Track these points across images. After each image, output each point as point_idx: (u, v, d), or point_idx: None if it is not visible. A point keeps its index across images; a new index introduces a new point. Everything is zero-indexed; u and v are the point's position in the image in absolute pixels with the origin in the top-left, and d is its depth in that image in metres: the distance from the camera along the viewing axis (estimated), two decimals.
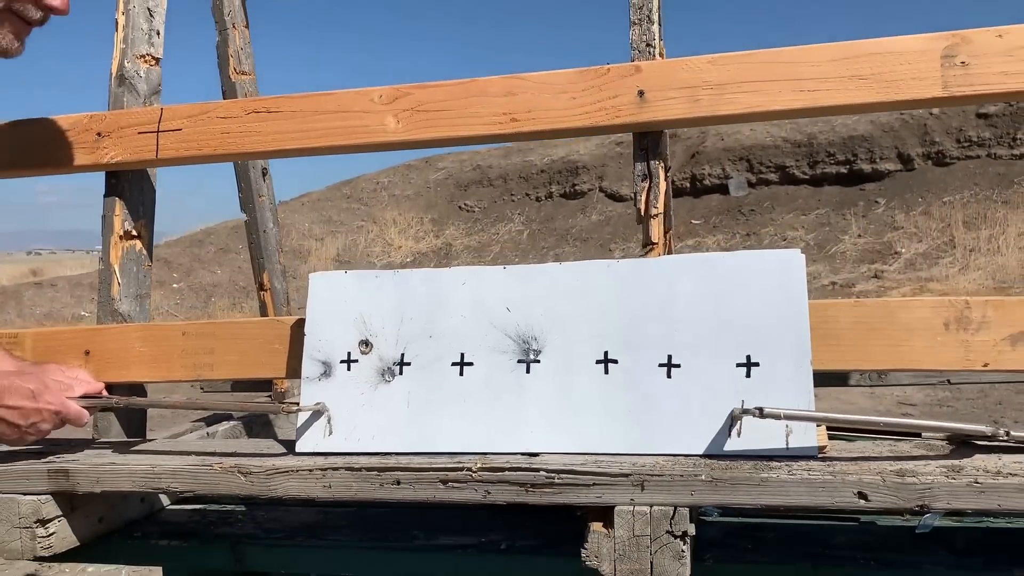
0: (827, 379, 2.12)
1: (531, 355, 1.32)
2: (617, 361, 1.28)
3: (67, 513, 1.40)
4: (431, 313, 1.37)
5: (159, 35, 1.75)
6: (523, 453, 1.25)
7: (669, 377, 1.26)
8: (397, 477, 1.22)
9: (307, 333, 1.41)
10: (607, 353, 1.29)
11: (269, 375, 1.54)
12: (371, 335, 1.39)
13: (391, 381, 1.35)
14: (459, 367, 1.33)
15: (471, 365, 1.33)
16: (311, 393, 1.38)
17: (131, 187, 1.67)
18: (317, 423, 1.35)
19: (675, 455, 1.22)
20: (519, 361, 1.32)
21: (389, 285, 1.41)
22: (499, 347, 1.33)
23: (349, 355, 1.39)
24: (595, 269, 1.34)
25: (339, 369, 1.38)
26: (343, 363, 1.38)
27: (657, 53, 1.44)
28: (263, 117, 1.54)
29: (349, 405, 1.35)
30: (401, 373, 1.35)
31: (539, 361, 1.31)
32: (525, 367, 1.31)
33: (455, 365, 1.34)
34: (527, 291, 1.34)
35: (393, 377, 1.35)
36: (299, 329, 1.45)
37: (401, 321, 1.38)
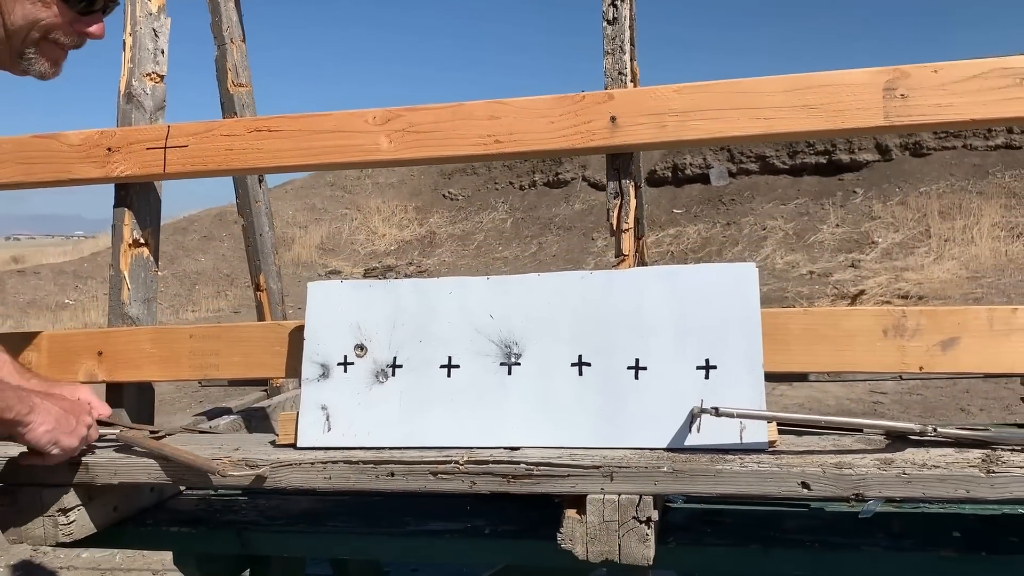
0: (788, 375, 2.28)
1: (512, 358, 1.45)
2: (590, 364, 1.42)
3: (85, 503, 1.52)
4: (421, 320, 1.50)
5: (163, 54, 1.86)
6: (505, 447, 1.38)
7: (637, 379, 1.39)
8: (391, 469, 1.36)
9: (306, 338, 1.54)
10: (581, 357, 1.42)
11: (270, 375, 1.67)
12: (366, 340, 1.51)
13: (384, 382, 1.48)
14: (447, 369, 1.46)
15: (458, 367, 1.46)
16: (311, 393, 1.50)
17: (139, 198, 1.79)
18: (317, 421, 1.48)
19: (641, 449, 1.35)
20: (501, 364, 1.45)
21: (382, 294, 1.53)
22: (483, 351, 1.46)
23: (346, 358, 1.51)
24: (570, 280, 1.47)
25: (336, 371, 1.51)
26: (340, 365, 1.51)
27: (629, 80, 1.57)
28: (264, 136, 1.65)
29: (346, 404, 1.48)
30: (394, 375, 1.48)
31: (519, 364, 1.44)
32: (507, 369, 1.44)
33: (443, 367, 1.47)
34: (508, 300, 1.47)
35: (386, 378, 1.48)
36: (298, 333, 1.58)
37: (393, 327, 1.51)
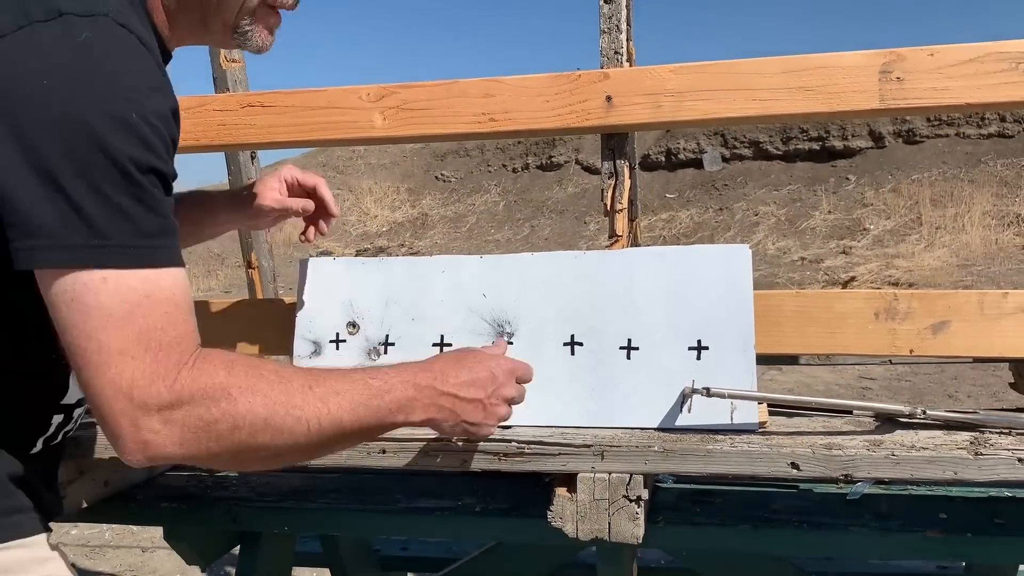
0: (780, 357, 2.28)
1: (505, 337, 1.45)
2: (582, 344, 1.42)
3: (76, 478, 1.52)
4: (413, 298, 1.49)
5: None
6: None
7: (628, 359, 1.39)
8: (383, 447, 1.36)
9: (298, 315, 1.53)
10: (573, 336, 1.42)
11: (261, 353, 1.66)
12: (358, 317, 1.51)
13: (376, 360, 1.48)
14: (439, 347, 1.46)
15: (450, 346, 1.46)
16: None
17: None
18: None
19: (632, 428, 1.36)
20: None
21: (375, 271, 1.53)
22: (476, 330, 1.46)
23: (337, 335, 1.51)
24: (563, 259, 1.47)
25: (328, 348, 1.51)
26: (332, 343, 1.51)
27: (625, 59, 1.56)
28: (257, 111, 1.64)
29: None
30: (386, 352, 1.48)
31: (512, 343, 1.44)
32: None
33: (436, 346, 1.46)
34: (501, 279, 1.47)
35: (379, 356, 1.48)
36: (290, 310, 1.57)
37: (386, 305, 1.50)
